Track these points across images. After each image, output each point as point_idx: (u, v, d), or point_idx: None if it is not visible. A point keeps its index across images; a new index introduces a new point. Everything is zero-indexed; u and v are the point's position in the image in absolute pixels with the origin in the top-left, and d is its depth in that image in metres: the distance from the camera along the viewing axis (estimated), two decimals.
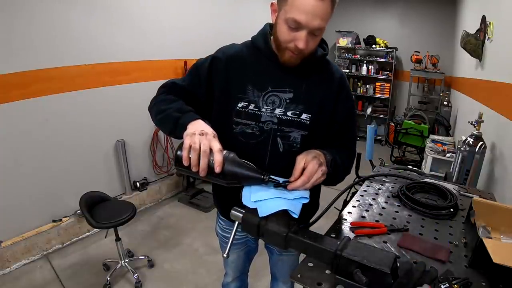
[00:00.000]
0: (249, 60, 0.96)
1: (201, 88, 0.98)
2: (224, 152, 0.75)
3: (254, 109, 0.93)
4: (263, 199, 0.77)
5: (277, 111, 0.93)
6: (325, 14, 0.79)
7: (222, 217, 1.20)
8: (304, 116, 0.94)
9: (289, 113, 0.93)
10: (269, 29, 0.97)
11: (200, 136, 0.74)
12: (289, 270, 1.25)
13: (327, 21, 0.82)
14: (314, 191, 0.96)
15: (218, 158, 0.72)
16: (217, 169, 0.72)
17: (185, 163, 0.73)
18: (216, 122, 0.98)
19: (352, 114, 1.05)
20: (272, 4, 0.89)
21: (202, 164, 0.72)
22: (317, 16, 0.78)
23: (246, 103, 0.94)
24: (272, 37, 0.93)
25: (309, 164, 0.81)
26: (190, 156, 0.73)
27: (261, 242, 1.23)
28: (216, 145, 0.74)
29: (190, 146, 0.73)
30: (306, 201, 0.80)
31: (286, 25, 0.82)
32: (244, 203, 0.78)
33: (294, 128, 0.94)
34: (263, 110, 0.93)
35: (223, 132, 0.88)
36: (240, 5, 3.85)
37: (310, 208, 1.07)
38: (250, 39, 1.00)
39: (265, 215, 0.74)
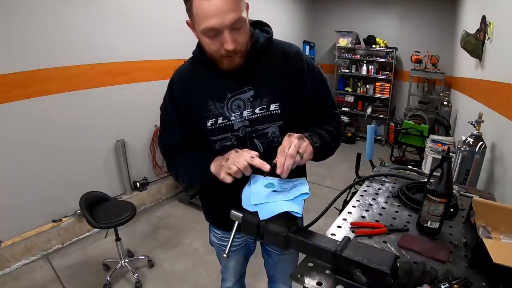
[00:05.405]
0: (199, 75, 0.93)
1: (180, 122, 0.97)
2: None
3: (224, 121, 0.91)
4: (263, 202, 0.76)
5: (245, 113, 0.91)
6: (234, 4, 0.74)
7: (216, 227, 1.18)
8: (272, 107, 0.91)
9: (257, 110, 0.91)
10: None
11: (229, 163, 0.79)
12: (290, 270, 1.22)
13: (242, 8, 0.77)
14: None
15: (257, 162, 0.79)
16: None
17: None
18: (197, 145, 0.98)
19: (322, 80, 1.00)
20: (187, 23, 0.84)
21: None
22: (226, 12, 0.73)
23: (214, 119, 0.91)
24: None
25: (286, 136, 0.80)
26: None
27: (259, 242, 1.22)
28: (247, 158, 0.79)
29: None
30: (307, 196, 0.79)
31: (206, 36, 0.79)
32: (244, 206, 0.77)
33: (267, 123, 0.92)
34: (233, 118, 0.91)
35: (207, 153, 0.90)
36: None
37: None
38: (192, 54, 0.96)
39: (266, 218, 0.74)
